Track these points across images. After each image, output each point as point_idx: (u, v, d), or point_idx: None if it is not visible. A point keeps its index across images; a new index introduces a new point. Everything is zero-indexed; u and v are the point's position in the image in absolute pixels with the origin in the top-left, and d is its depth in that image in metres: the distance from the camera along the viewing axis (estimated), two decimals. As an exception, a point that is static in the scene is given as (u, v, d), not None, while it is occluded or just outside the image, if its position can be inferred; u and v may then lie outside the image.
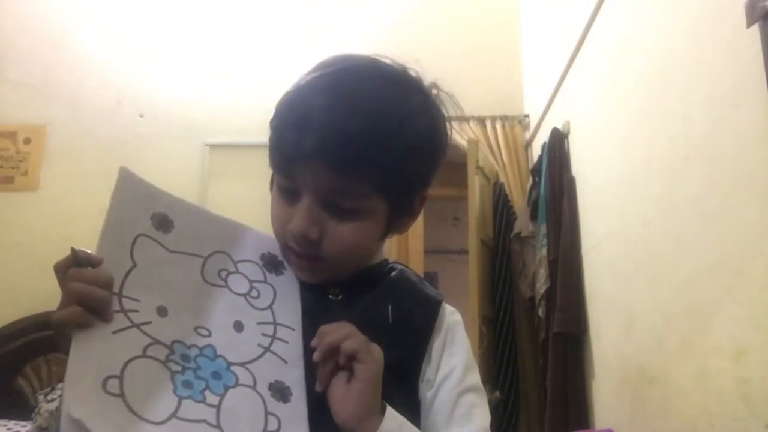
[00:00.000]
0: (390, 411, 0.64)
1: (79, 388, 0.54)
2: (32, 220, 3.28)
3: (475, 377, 0.74)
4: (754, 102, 1.18)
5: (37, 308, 2.89)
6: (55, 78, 3.50)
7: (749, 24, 1.16)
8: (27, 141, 3.41)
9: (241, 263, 0.70)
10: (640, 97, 1.83)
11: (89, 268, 0.59)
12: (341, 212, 0.67)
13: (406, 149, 0.66)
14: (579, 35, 2.38)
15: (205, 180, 3.39)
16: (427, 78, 0.74)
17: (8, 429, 2.53)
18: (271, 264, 0.72)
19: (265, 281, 0.70)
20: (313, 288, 0.72)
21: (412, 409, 0.70)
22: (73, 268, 0.58)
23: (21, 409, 2.70)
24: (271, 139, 0.71)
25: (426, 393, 0.71)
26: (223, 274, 0.68)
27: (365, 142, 0.64)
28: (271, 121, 0.71)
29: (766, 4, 1.11)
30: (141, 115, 3.49)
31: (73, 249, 0.59)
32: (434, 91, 0.74)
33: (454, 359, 0.73)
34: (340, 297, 0.72)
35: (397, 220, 0.74)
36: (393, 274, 0.78)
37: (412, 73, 0.73)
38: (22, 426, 2.53)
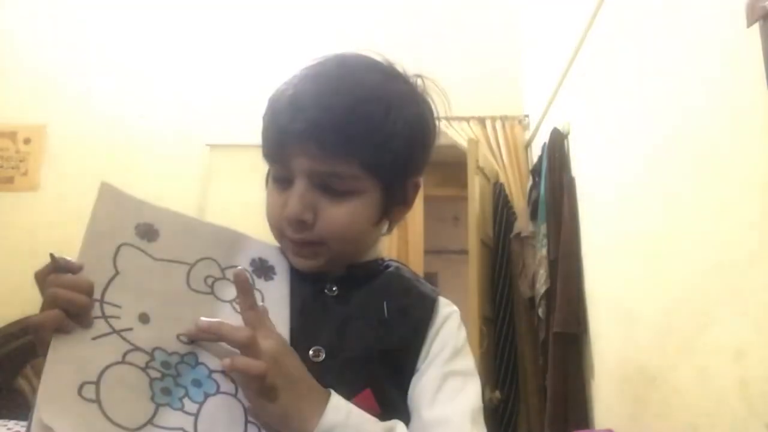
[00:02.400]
0: (333, 402, 0.61)
1: (54, 393, 0.54)
2: (32, 220, 3.28)
3: (465, 363, 0.73)
4: (754, 102, 1.18)
5: (37, 308, 2.88)
6: (55, 78, 3.50)
7: (749, 24, 1.16)
8: (27, 141, 3.42)
9: (229, 269, 0.69)
10: (639, 97, 1.83)
11: (69, 274, 0.59)
12: (334, 194, 0.69)
13: (392, 130, 0.68)
14: (579, 35, 2.38)
15: (206, 180, 3.39)
16: (413, 72, 0.76)
17: (8, 429, 2.53)
18: (261, 269, 0.71)
19: (253, 287, 0.69)
20: (309, 283, 0.72)
21: (407, 404, 0.70)
22: (53, 274, 0.58)
23: (21, 409, 2.70)
24: (263, 130, 0.72)
25: (413, 379, 0.71)
26: (210, 280, 0.67)
27: (352, 121, 0.66)
28: (264, 116, 0.73)
29: (766, 4, 1.11)
30: (141, 115, 3.49)
31: (52, 255, 0.59)
32: (419, 82, 0.76)
33: (441, 344, 0.73)
34: (335, 292, 0.72)
35: (391, 206, 0.74)
36: (389, 270, 0.78)
37: (398, 67, 0.75)
38: (22, 426, 2.53)
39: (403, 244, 3.36)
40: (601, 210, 2.21)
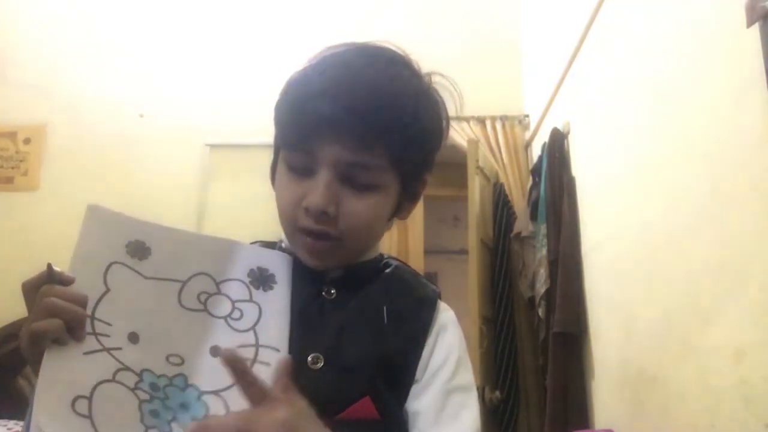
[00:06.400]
0: None
1: (50, 403, 0.53)
2: (32, 220, 3.28)
3: (465, 376, 0.72)
4: (754, 102, 1.18)
5: (37, 308, 2.89)
6: (55, 78, 3.50)
7: (749, 24, 1.16)
8: (27, 141, 3.42)
9: (224, 283, 0.67)
10: (639, 96, 1.83)
11: (62, 286, 0.58)
12: (357, 187, 0.67)
13: (421, 125, 0.69)
14: (579, 35, 2.38)
15: (206, 180, 3.39)
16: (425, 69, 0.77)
17: (8, 429, 2.53)
18: (260, 280, 0.69)
19: (250, 300, 0.67)
20: (307, 284, 0.71)
21: (405, 411, 0.69)
22: (47, 284, 0.57)
23: (21, 409, 2.69)
24: (284, 115, 0.70)
25: (413, 390, 0.70)
26: (203, 297, 0.65)
27: (386, 112, 0.66)
28: (280, 101, 0.71)
29: (766, 4, 1.11)
30: (141, 115, 3.49)
31: (49, 265, 0.58)
32: (431, 80, 0.76)
33: (443, 356, 0.71)
34: (333, 295, 0.71)
35: (404, 202, 0.75)
36: (388, 271, 0.77)
37: (414, 63, 0.76)
38: (22, 426, 2.53)
39: (403, 244, 3.36)
40: (601, 210, 2.21)
